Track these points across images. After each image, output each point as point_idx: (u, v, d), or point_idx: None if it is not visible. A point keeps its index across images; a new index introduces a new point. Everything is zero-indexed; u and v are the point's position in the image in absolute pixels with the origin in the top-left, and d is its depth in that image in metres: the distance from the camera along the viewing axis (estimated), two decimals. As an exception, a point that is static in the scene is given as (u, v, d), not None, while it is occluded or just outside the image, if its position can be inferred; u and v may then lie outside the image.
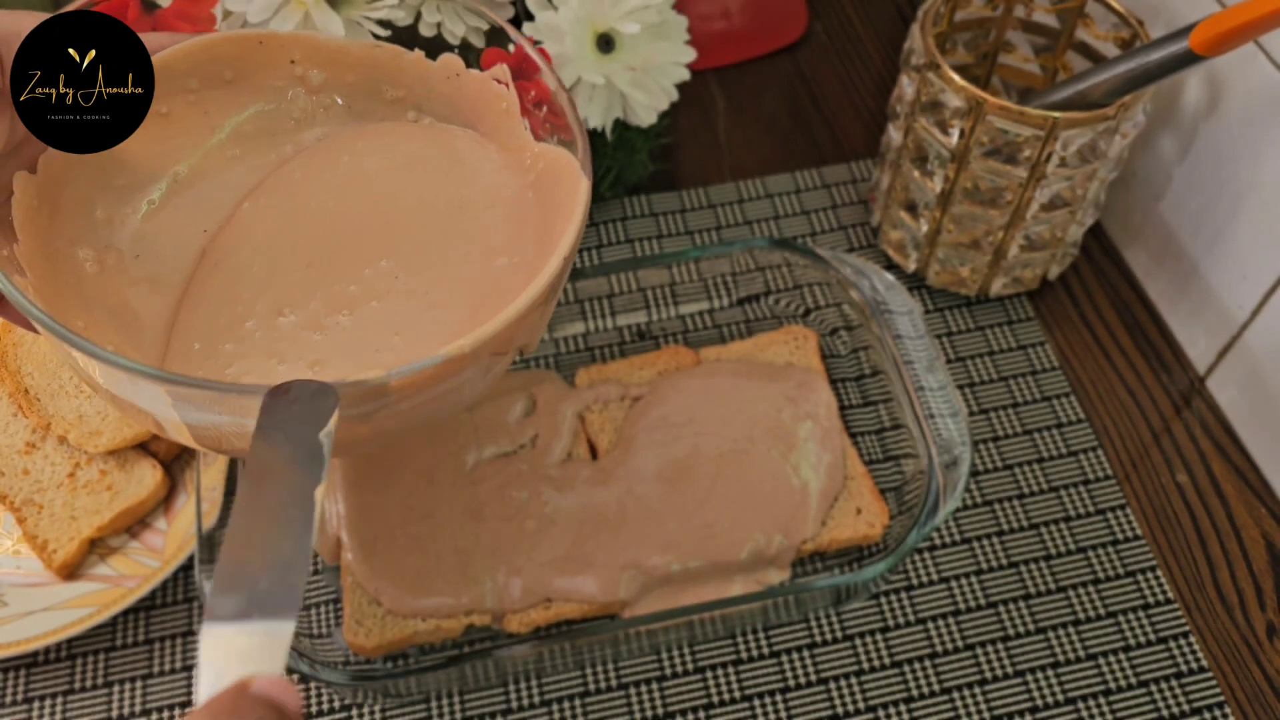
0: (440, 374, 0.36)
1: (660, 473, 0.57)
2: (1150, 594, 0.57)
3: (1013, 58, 0.69)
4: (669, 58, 0.62)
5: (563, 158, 0.43)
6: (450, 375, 0.37)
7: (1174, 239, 0.66)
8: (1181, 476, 0.61)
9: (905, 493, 0.56)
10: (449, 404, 0.40)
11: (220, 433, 0.37)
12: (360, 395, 0.34)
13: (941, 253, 0.66)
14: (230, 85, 0.46)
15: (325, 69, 0.47)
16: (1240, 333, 0.61)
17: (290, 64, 0.46)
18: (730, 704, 0.53)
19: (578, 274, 0.61)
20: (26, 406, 0.58)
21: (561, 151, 0.43)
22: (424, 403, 0.38)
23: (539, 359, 0.64)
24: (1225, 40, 0.51)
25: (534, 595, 0.53)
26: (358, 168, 0.46)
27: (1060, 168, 0.58)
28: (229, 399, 0.34)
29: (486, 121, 0.46)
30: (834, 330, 0.63)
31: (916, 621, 0.56)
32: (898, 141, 0.65)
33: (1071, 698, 0.54)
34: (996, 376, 0.65)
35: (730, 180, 0.75)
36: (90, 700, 0.53)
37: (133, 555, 0.56)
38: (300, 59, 0.46)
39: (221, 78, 0.45)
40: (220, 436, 0.37)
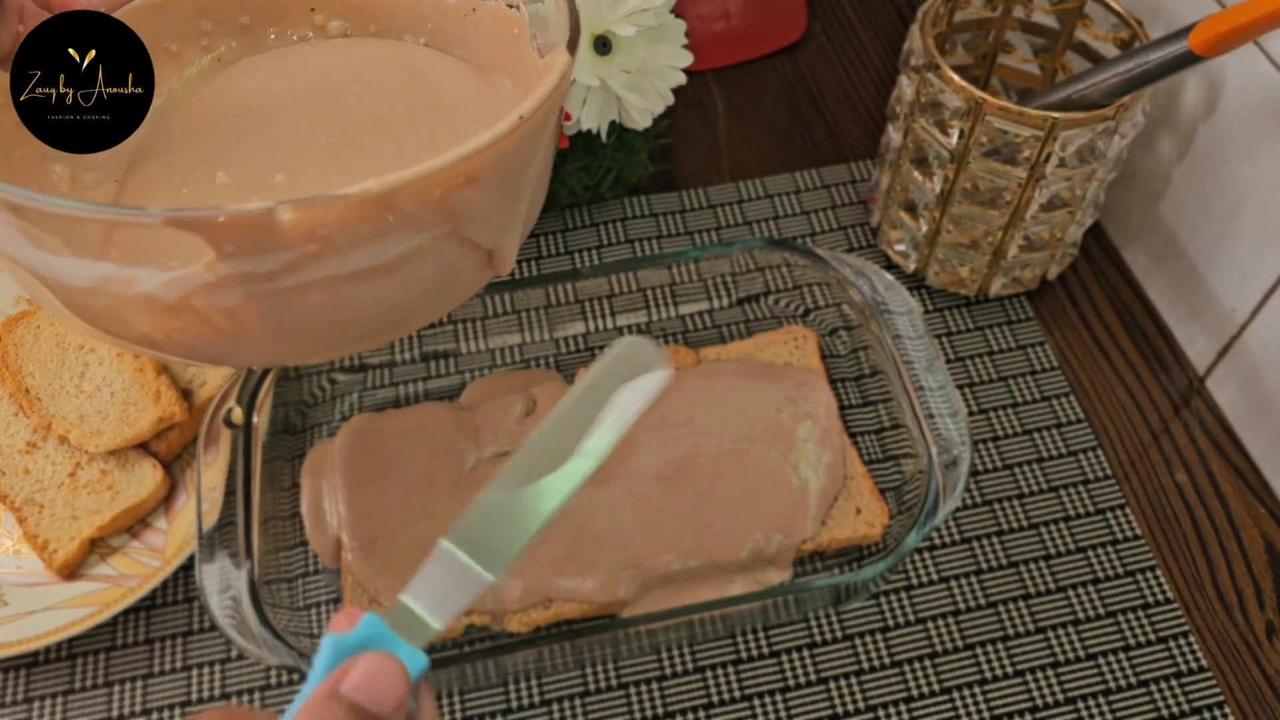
0: (344, 220, 0.32)
1: (660, 472, 0.57)
2: (1150, 594, 0.57)
3: (1012, 58, 0.69)
4: (666, 61, 0.61)
5: (557, 60, 0.40)
6: (360, 226, 0.33)
7: (1173, 239, 0.66)
8: (1181, 476, 0.61)
9: (905, 492, 0.56)
10: (383, 287, 0.36)
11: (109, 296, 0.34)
12: (248, 232, 0.31)
13: (941, 253, 0.66)
14: (246, 31, 0.45)
15: (346, 18, 0.45)
16: (1239, 333, 0.61)
17: (310, 12, 0.45)
18: (730, 704, 0.53)
19: (577, 274, 0.61)
20: (27, 406, 0.58)
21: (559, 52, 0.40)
22: (345, 273, 0.34)
23: (539, 359, 0.64)
24: (1224, 41, 0.51)
25: (534, 595, 0.54)
26: (326, 61, 0.44)
27: (1059, 168, 0.59)
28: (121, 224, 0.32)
29: (499, 53, 0.45)
30: (834, 330, 0.63)
31: (916, 621, 0.56)
32: (897, 142, 0.65)
33: (1071, 697, 0.54)
34: (996, 376, 0.65)
35: (730, 181, 0.75)
36: (90, 700, 0.53)
37: (133, 555, 0.56)
38: (320, 7, 0.45)
39: (238, 23, 0.44)
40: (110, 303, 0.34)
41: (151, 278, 0.33)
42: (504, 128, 0.35)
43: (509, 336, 0.64)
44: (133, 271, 0.33)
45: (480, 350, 0.64)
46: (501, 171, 0.36)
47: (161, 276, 0.33)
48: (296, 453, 0.58)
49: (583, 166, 0.68)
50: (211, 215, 0.31)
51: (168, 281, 0.33)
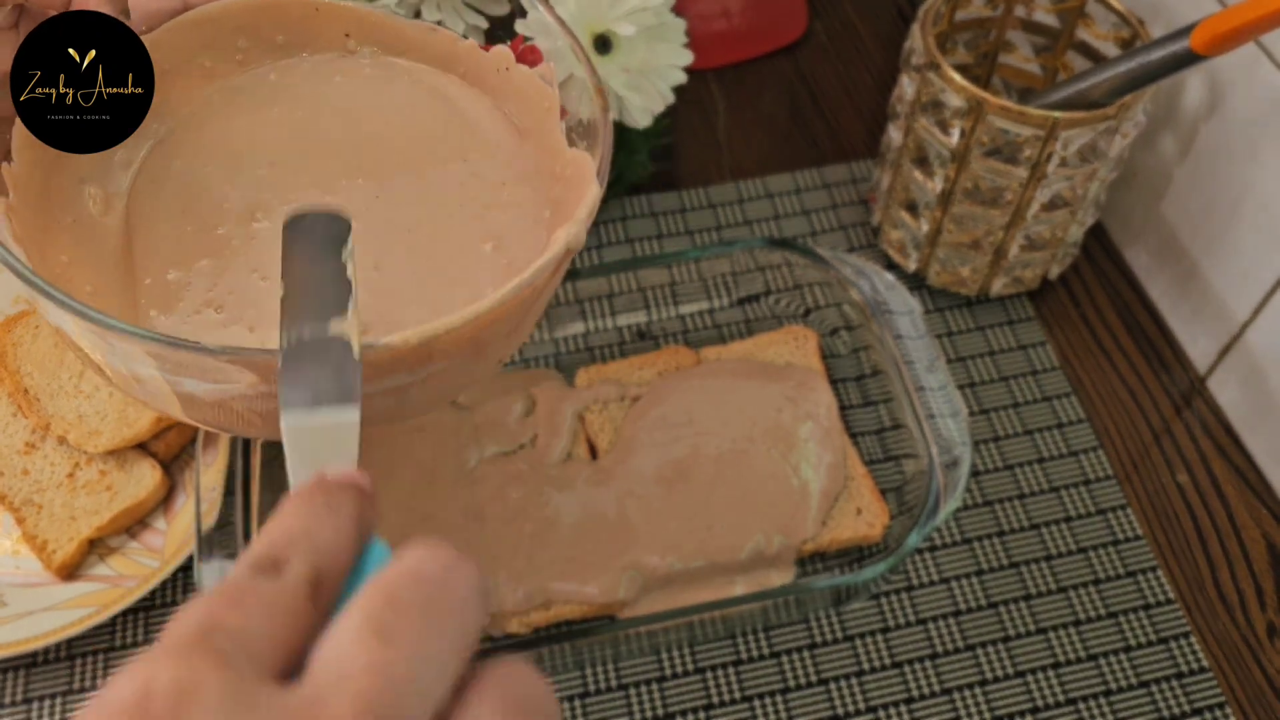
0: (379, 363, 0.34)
1: (660, 473, 0.57)
2: (1151, 594, 0.57)
3: (1013, 57, 0.69)
4: (666, 60, 0.61)
5: (585, 164, 0.41)
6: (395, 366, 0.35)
7: (1174, 239, 0.66)
8: (1182, 476, 0.61)
9: (906, 493, 0.56)
10: (405, 396, 0.37)
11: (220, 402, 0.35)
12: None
13: (942, 253, 0.66)
14: (281, 50, 0.45)
15: (378, 46, 0.45)
16: (1241, 333, 0.61)
17: (344, 37, 0.45)
18: (730, 704, 0.53)
19: (577, 274, 0.61)
20: (26, 406, 0.58)
21: (586, 158, 0.42)
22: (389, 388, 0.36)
23: (539, 359, 0.64)
24: (1226, 40, 0.51)
25: (534, 597, 0.53)
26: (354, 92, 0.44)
27: (1061, 167, 0.58)
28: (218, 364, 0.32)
29: (529, 118, 0.45)
30: (834, 330, 0.63)
31: (917, 622, 0.56)
32: (898, 141, 0.65)
33: (1072, 698, 0.54)
34: (997, 376, 0.65)
35: (730, 180, 0.75)
36: (90, 701, 0.53)
37: (132, 555, 0.56)
38: (355, 33, 0.45)
39: (273, 40, 0.44)
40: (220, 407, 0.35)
41: (196, 385, 0.35)
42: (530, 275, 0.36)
43: (509, 336, 0.64)
44: (178, 379, 0.34)
45: (480, 350, 0.64)
46: (527, 307, 0.38)
47: (206, 386, 0.34)
48: (296, 453, 0.58)
49: (583, 166, 0.68)
50: (266, 358, 0.32)
51: (211, 389, 0.35)
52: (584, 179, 0.41)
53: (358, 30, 0.45)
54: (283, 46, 0.45)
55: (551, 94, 0.44)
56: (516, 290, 0.35)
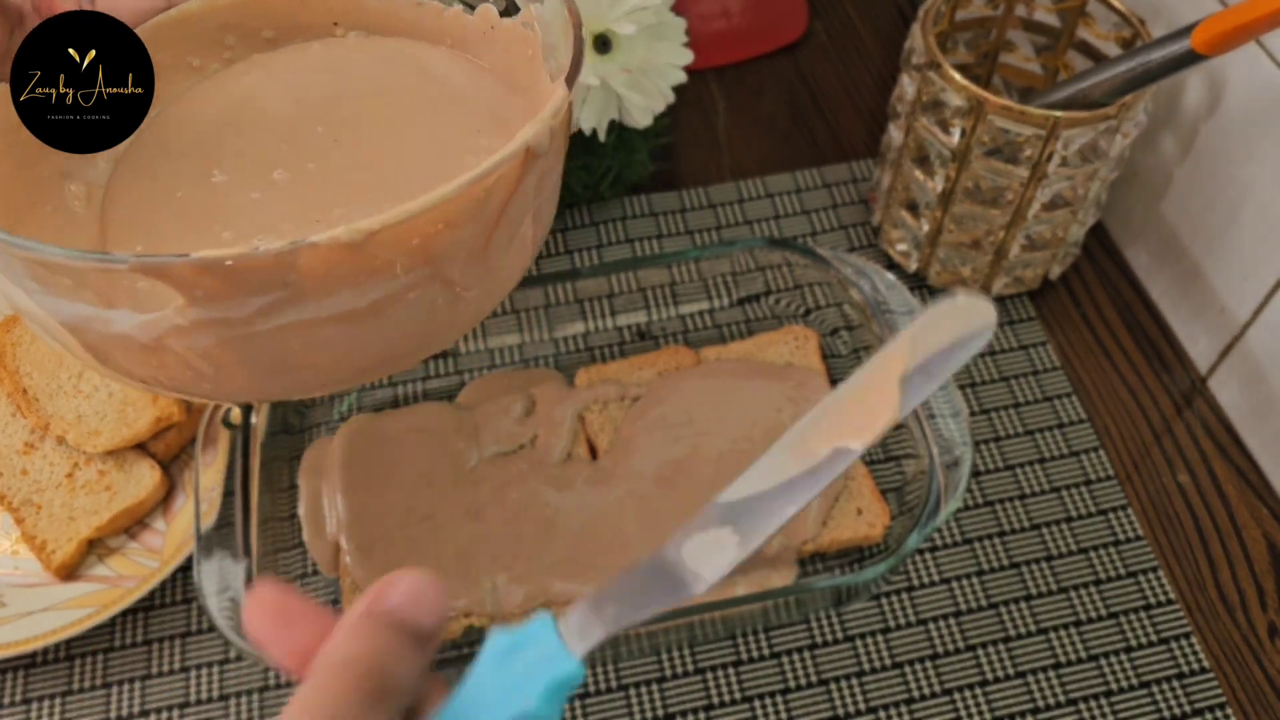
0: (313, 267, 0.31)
1: (660, 473, 0.57)
2: (1151, 594, 0.57)
3: (1014, 57, 0.69)
4: (666, 59, 0.61)
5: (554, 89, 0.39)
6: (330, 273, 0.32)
7: (1175, 238, 0.66)
8: (1183, 477, 0.61)
9: (906, 493, 0.56)
10: (364, 330, 0.35)
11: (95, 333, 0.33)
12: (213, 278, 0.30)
13: (942, 252, 0.65)
14: (270, 44, 0.44)
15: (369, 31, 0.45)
16: (1242, 332, 0.61)
17: (333, 25, 0.45)
18: (731, 705, 0.53)
19: (577, 274, 0.61)
20: (25, 406, 0.58)
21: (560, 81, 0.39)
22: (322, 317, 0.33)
23: (539, 359, 0.64)
24: (1227, 39, 0.51)
25: (534, 598, 0.53)
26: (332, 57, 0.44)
27: (1061, 167, 0.58)
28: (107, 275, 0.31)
29: (515, 71, 0.44)
30: (834, 330, 0.63)
31: (918, 622, 0.56)
32: (898, 141, 0.65)
33: (1073, 699, 0.54)
34: (998, 376, 0.65)
35: (730, 180, 0.74)
36: (89, 701, 0.53)
37: (131, 556, 0.56)
38: (343, 20, 0.45)
39: (261, 36, 0.44)
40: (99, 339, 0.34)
41: (126, 319, 0.33)
42: (481, 170, 0.33)
43: (508, 336, 0.64)
44: (108, 313, 0.32)
45: (479, 350, 0.64)
46: (484, 214, 0.35)
47: (135, 319, 0.33)
48: (295, 453, 0.58)
49: (583, 165, 0.68)
50: (173, 262, 0.30)
51: (141, 324, 0.33)
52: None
53: (345, 17, 0.45)
54: (271, 41, 0.44)
55: (534, 39, 0.43)
56: (462, 186, 0.32)
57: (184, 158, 0.41)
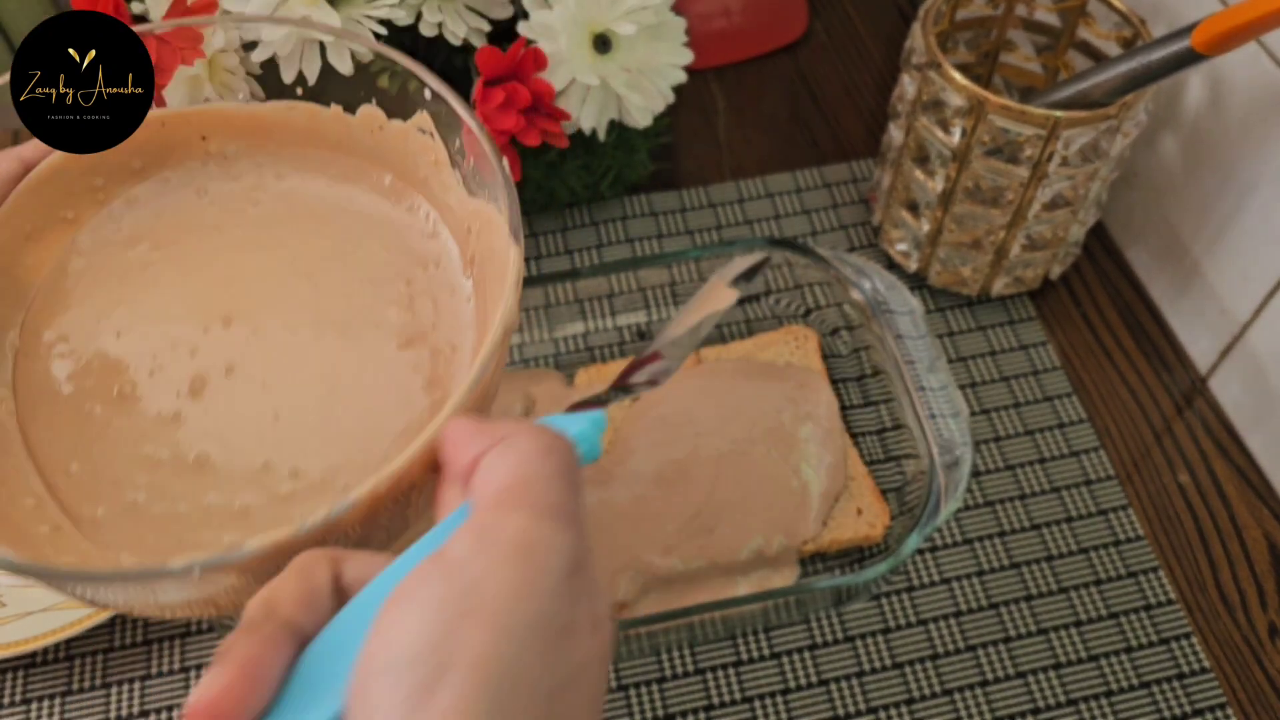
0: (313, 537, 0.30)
1: (660, 473, 0.57)
2: (1152, 595, 0.57)
3: (1014, 56, 0.69)
4: (666, 59, 0.61)
5: (491, 217, 0.38)
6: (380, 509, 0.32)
7: (1176, 238, 0.66)
8: (1183, 477, 0.61)
9: (906, 493, 0.56)
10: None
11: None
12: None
13: (943, 252, 0.65)
14: (139, 174, 0.43)
15: (241, 140, 0.44)
16: (1242, 332, 0.61)
17: (202, 140, 0.44)
18: (731, 705, 0.53)
19: (577, 274, 0.61)
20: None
21: (491, 209, 0.38)
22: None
23: (538, 358, 0.64)
24: (1227, 39, 0.51)
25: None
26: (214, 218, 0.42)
27: (1062, 167, 0.58)
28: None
29: (418, 174, 0.43)
30: (835, 330, 0.63)
31: (918, 622, 0.56)
32: (899, 141, 0.65)
33: (1073, 699, 0.54)
34: (998, 376, 0.65)
35: (730, 180, 0.74)
36: (89, 701, 0.53)
37: (132, 556, 0.56)
38: (212, 134, 0.44)
39: (130, 167, 0.43)
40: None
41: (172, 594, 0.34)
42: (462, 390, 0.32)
43: (509, 336, 0.64)
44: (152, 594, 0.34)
45: (480, 350, 0.63)
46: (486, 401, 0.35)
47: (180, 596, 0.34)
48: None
49: (582, 165, 0.68)
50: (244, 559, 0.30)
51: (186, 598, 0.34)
52: (494, 232, 0.38)
53: (211, 130, 0.44)
54: (140, 171, 0.43)
55: (436, 146, 0.41)
56: (460, 404, 0.32)
57: (93, 366, 0.39)
